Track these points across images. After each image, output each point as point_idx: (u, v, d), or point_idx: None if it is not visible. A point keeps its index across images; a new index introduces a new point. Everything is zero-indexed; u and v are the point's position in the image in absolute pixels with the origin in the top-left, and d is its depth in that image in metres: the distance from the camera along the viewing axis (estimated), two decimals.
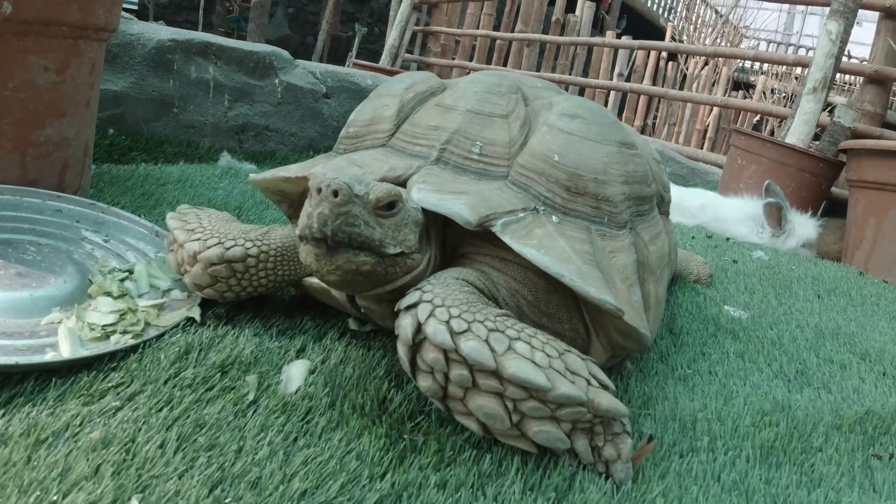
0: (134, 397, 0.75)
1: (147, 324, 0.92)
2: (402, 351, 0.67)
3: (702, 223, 2.43)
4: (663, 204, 1.07)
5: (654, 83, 6.52)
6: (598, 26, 8.20)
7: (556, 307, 0.83)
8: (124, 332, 0.88)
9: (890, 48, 2.88)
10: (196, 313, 0.93)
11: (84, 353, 0.80)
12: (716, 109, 6.90)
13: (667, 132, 6.89)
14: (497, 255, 0.81)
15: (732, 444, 0.81)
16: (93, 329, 0.88)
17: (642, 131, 6.46)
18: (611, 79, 5.80)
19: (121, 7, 1.33)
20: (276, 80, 2.22)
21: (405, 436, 0.72)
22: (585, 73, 6.01)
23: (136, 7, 8.47)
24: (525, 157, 0.86)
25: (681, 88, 6.96)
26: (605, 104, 6.07)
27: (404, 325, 0.66)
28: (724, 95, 6.92)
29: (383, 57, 4.87)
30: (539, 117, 0.92)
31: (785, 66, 6.65)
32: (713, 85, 7.02)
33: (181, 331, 0.89)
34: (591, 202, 0.84)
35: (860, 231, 2.36)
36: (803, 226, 2.38)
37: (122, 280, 1.02)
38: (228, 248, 0.87)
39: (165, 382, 0.78)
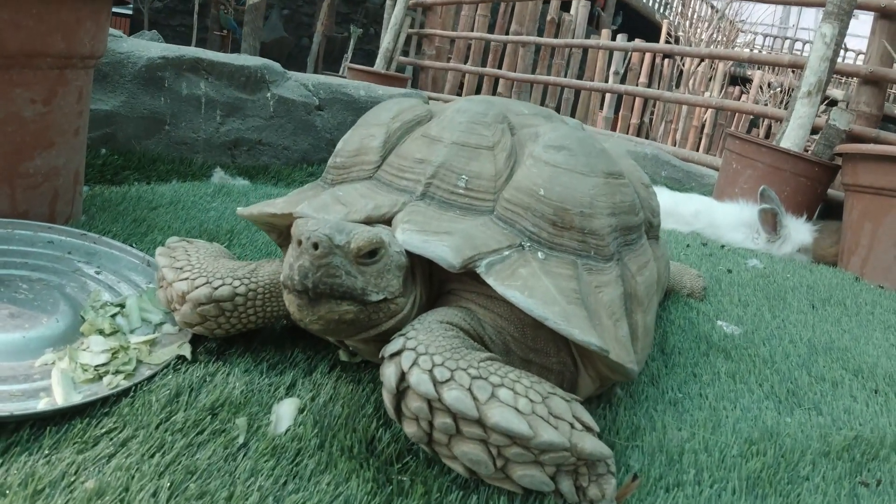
0: (126, 443, 0.76)
1: (139, 362, 0.93)
2: (387, 398, 0.68)
3: (697, 230, 2.44)
4: (652, 229, 1.08)
5: (650, 81, 6.52)
6: (593, 23, 8.19)
7: (544, 342, 0.84)
8: (116, 373, 0.89)
9: (885, 49, 2.88)
10: (187, 351, 0.94)
11: (77, 399, 0.81)
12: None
13: (663, 129, 6.89)
14: (483, 293, 0.82)
15: (719, 475, 0.82)
16: (85, 370, 0.89)
17: (639, 129, 6.46)
18: (607, 77, 5.79)
19: (107, 33, 1.34)
20: (269, 94, 2.23)
21: (393, 477, 0.73)
22: (581, 72, 6.01)
23: (130, 12, 8.48)
24: (511, 191, 0.87)
25: (677, 85, 6.95)
26: (602, 104, 6.08)
27: (388, 374, 0.67)
28: (721, 91, 6.92)
29: (378, 60, 4.86)
30: (525, 148, 0.93)
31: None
32: (710, 80, 7.01)
33: (172, 370, 0.90)
34: (578, 236, 0.85)
35: (856, 236, 2.37)
36: (799, 231, 2.39)
37: (113, 315, 1.03)
38: (216, 288, 0.88)
39: (157, 427, 0.79)
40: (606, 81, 5.63)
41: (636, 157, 2.96)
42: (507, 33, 5.53)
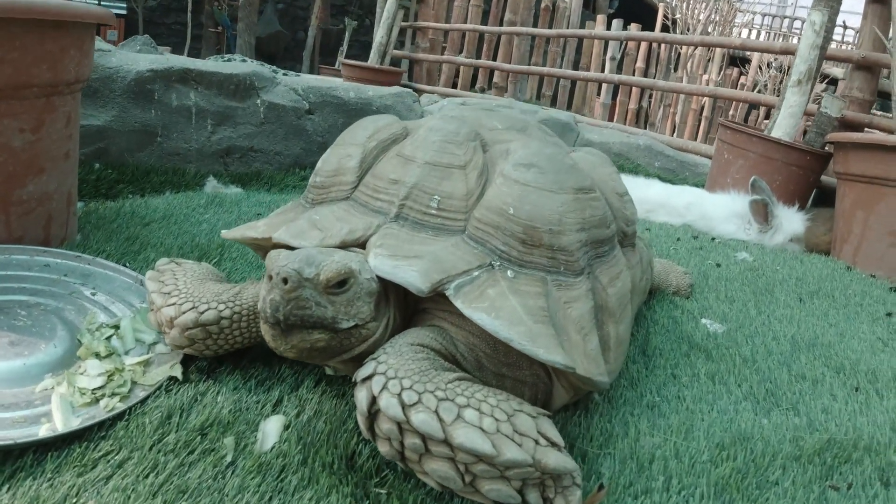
0: (123, 464, 0.81)
1: (134, 383, 0.98)
2: (361, 420, 0.72)
3: (689, 222, 2.46)
4: (626, 238, 1.11)
5: (647, 65, 6.47)
6: (590, 7, 8.12)
7: (516, 356, 0.88)
8: (112, 395, 0.94)
9: (877, 34, 2.86)
10: (178, 372, 0.99)
11: (75, 424, 0.85)
12: (711, 86, 6.85)
13: (662, 114, 6.85)
14: (454, 311, 0.86)
15: (688, 482, 0.86)
16: (83, 394, 0.94)
17: (637, 115, 6.43)
18: (603, 63, 5.77)
19: (92, 56, 1.37)
20: (258, 101, 2.26)
21: (371, 491, 0.78)
22: (578, 58, 5.98)
23: (124, 12, 8.48)
24: (481, 210, 0.90)
25: (675, 68, 6.90)
26: (599, 90, 6.04)
27: (360, 398, 0.71)
28: (720, 73, 6.86)
29: (372, 55, 4.86)
30: (496, 166, 0.96)
31: (781, 39, 6.57)
32: (708, 62, 6.96)
33: (164, 392, 0.95)
34: (547, 253, 0.88)
35: (848, 225, 2.39)
36: (790, 221, 2.41)
37: (108, 338, 1.08)
38: (202, 313, 0.92)
39: (150, 448, 0.84)
40: (603, 68, 5.60)
41: (629, 148, 2.98)
42: (501, 22, 5.50)
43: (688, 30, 6.84)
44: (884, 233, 2.27)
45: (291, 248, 0.89)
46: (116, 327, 1.11)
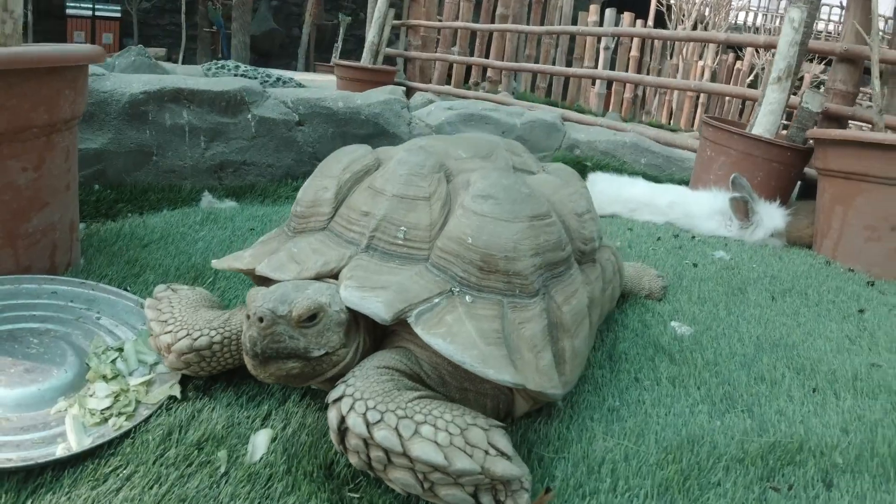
0: (130, 478, 0.93)
1: (138, 402, 1.10)
2: (333, 436, 0.84)
3: (672, 220, 2.55)
4: (585, 256, 1.21)
5: (641, 53, 6.50)
6: None
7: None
8: (119, 414, 1.06)
9: (866, 22, 2.92)
10: (177, 391, 1.10)
11: (87, 443, 0.97)
12: (707, 73, 6.88)
13: (658, 101, 6.89)
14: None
15: (633, 483, 0.97)
16: (93, 414, 1.06)
17: (633, 102, 6.48)
18: (597, 53, 5.81)
19: (86, 93, 1.48)
20: (249, 116, 2.36)
21: (346, 496, 0.90)
22: (571, 48, 6.01)
23: (119, 15, 8.56)
24: (443, 240, 1.01)
25: (671, 56, 6.93)
26: (594, 81, 6.10)
27: (331, 417, 0.82)
28: (716, 58, 6.89)
29: (364, 55, 4.94)
30: (458, 196, 1.06)
31: (777, 22, 6.57)
32: (704, 48, 6.98)
33: (165, 410, 1.07)
34: (503, 278, 0.99)
35: (828, 219, 2.47)
36: (771, 217, 2.49)
37: (113, 360, 1.20)
38: (196, 339, 1.03)
39: (154, 462, 0.96)
40: (597, 58, 5.64)
41: (616, 146, 3.06)
42: (493, 15, 5.55)
43: (682, 15, 6.85)
44: (861, 227, 2.35)
45: (273, 280, 1.00)
46: (120, 350, 1.23)
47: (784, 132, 3.07)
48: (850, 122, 3.10)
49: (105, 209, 2.05)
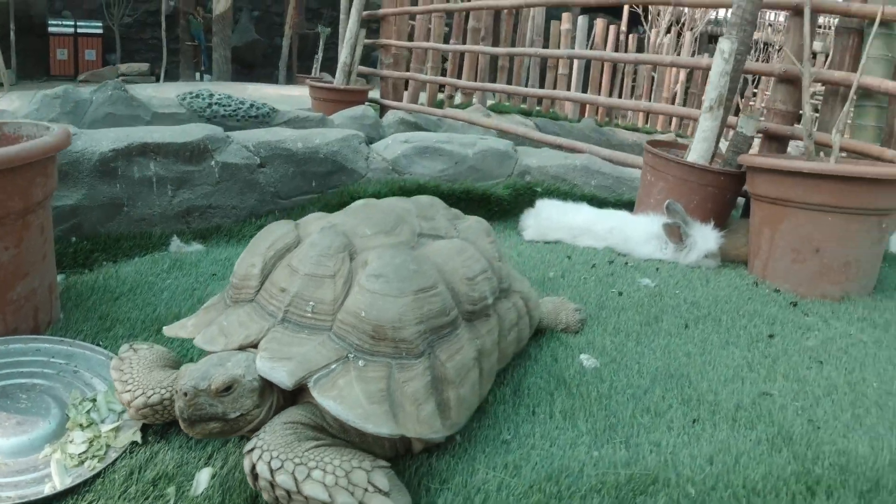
0: None
1: (108, 446, 1.39)
2: (248, 478, 1.12)
3: (611, 245, 2.83)
4: (475, 314, 1.48)
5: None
6: None
7: None
8: (93, 457, 1.36)
9: (800, 46, 3.17)
10: (138, 437, 1.40)
11: (69, 482, 1.27)
12: (682, 75, 7.11)
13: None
14: None
15: None
16: (72, 458, 1.35)
17: (608, 111, 6.73)
18: (571, 62, 6.06)
19: (55, 175, 1.76)
20: (213, 163, 2.64)
21: None
22: (544, 61, 6.25)
23: (101, 31, 8.84)
24: (343, 313, 1.29)
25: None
26: (568, 85, 6.34)
27: (245, 464, 1.11)
28: (692, 57, 7.12)
29: (337, 75, 5.21)
30: (357, 274, 1.34)
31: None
32: (677, 48, 7.21)
33: (129, 453, 1.36)
34: (392, 344, 1.27)
35: (758, 240, 2.74)
36: (705, 239, 2.75)
37: (88, 411, 1.49)
38: (149, 398, 1.32)
39: (119, 497, 1.25)
40: (570, 63, 5.89)
41: (566, 169, 3.33)
42: (464, 28, 5.80)
43: (658, 15, 7.08)
44: (787, 249, 2.62)
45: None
46: (94, 400, 1.52)
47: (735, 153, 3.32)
48: (790, 141, 3.36)
49: (82, 259, 2.34)
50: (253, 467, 1.11)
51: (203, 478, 1.30)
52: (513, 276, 1.85)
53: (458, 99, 5.78)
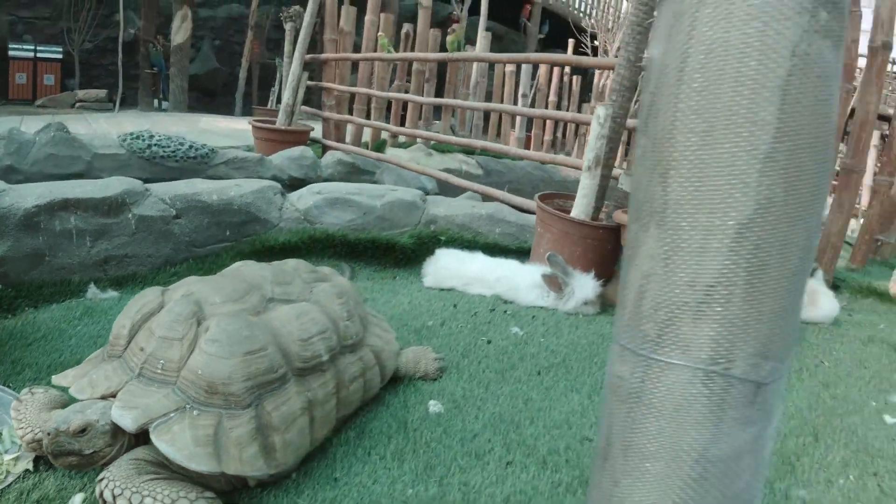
0: None
1: (8, 472, 1.74)
2: (99, 501, 1.49)
3: (499, 293, 3.22)
4: (306, 371, 1.85)
5: (559, 98, 7.25)
6: (521, 30, 8.88)
7: None
8: None
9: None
10: (31, 466, 1.75)
11: None
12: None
13: (577, 142, 7.63)
14: None
15: None
16: None
17: (553, 145, 7.21)
18: (515, 99, 6.54)
19: None
20: (130, 215, 3.02)
21: None
22: (489, 98, 6.73)
23: (60, 56, 9.22)
24: (185, 371, 1.66)
25: (588, 100, 7.69)
26: (512, 125, 6.81)
27: (96, 491, 1.49)
28: (635, 101, 7.70)
29: (280, 116, 5.62)
30: (200, 338, 1.72)
31: None
32: None
33: (22, 478, 1.71)
34: (222, 397, 1.64)
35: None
36: (583, 288, 3.15)
37: None
38: (36, 434, 1.69)
39: None
40: (515, 103, 6.36)
41: (472, 218, 3.74)
42: (409, 69, 6.26)
43: (605, 53, 7.63)
44: None
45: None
46: (0, 433, 1.87)
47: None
48: None
49: (6, 305, 2.69)
50: (101, 493, 1.47)
51: (77, 500, 1.66)
52: (370, 330, 2.23)
53: (402, 137, 6.22)
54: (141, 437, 1.68)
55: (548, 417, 2.16)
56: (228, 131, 7.16)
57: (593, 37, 7.91)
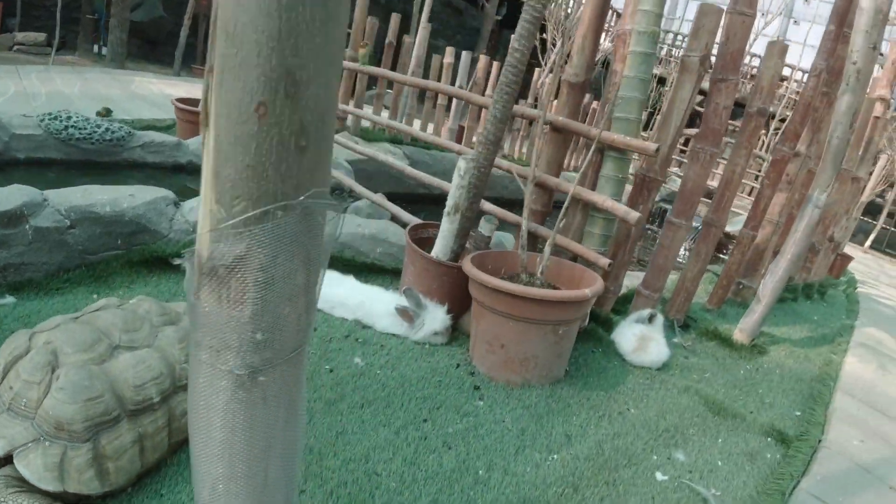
0: None
1: None
2: None
3: (359, 318, 3.91)
4: (141, 410, 2.54)
5: None
6: (479, 9, 9.19)
7: None
8: None
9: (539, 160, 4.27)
10: None
11: None
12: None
13: (510, 139, 8.16)
14: None
15: None
16: None
17: None
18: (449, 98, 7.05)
19: None
20: (27, 226, 3.60)
21: None
22: (424, 91, 7.22)
23: None
24: (41, 410, 2.34)
25: (525, 97, 8.17)
26: (448, 113, 7.30)
27: None
28: None
29: (202, 98, 6.02)
30: (53, 384, 2.39)
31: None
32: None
33: None
34: (67, 434, 2.34)
35: (471, 328, 3.86)
36: (434, 320, 3.85)
37: None
38: None
39: None
40: (450, 100, 6.85)
41: (355, 238, 4.38)
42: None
43: (553, 46, 8.06)
44: (484, 341, 3.74)
45: None
46: None
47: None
48: (540, 237, 4.49)
49: None
50: None
51: None
52: None
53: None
54: (10, 458, 2.38)
55: (351, 451, 2.59)
56: (160, 98, 7.43)
57: (542, 28, 8.28)
